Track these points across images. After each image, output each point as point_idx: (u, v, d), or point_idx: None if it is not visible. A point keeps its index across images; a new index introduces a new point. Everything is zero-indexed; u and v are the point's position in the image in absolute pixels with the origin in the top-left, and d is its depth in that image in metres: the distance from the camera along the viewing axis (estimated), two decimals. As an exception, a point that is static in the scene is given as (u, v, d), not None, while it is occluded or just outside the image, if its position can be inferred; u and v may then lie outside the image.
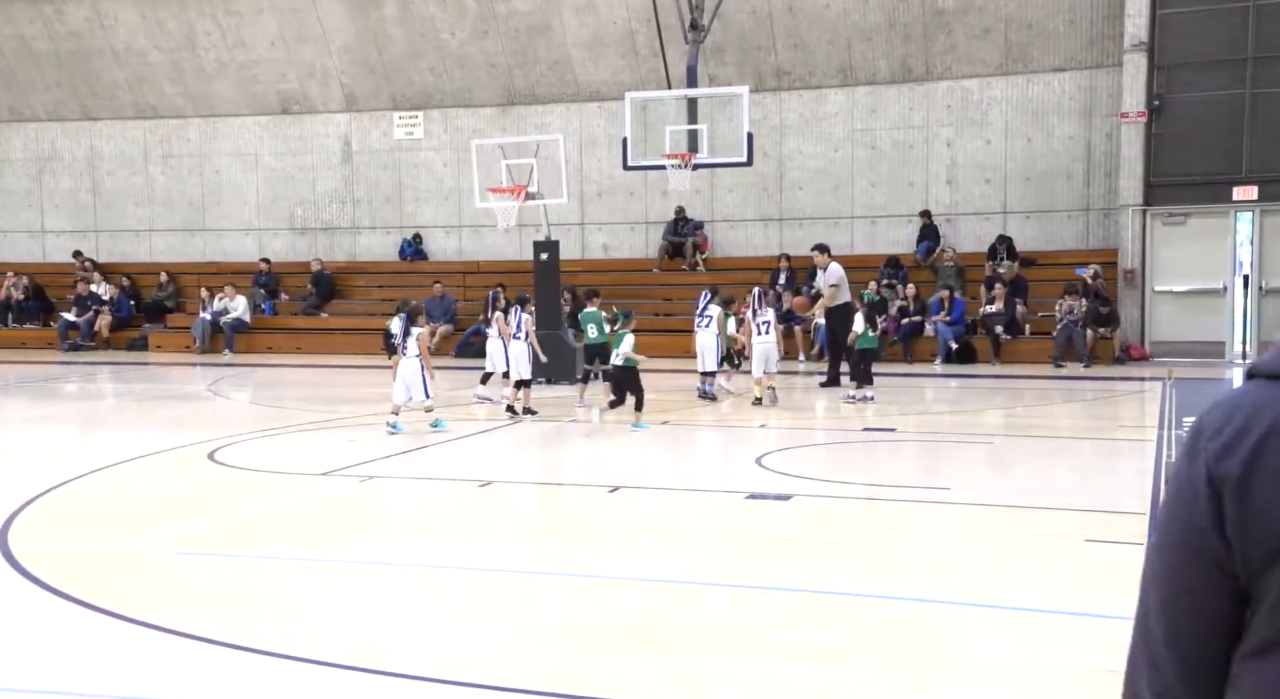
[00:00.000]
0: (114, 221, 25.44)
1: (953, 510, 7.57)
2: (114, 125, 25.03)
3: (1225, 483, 1.30)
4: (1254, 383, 1.35)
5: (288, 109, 24.03)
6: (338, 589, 5.79)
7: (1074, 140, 19.89)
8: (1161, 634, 1.40)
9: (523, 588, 5.76)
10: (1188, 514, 1.35)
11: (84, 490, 8.47)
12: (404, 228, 23.68)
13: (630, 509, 7.88)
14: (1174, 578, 1.38)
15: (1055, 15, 19.47)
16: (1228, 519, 1.30)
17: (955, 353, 18.10)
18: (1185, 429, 10.32)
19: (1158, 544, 1.41)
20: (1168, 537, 1.39)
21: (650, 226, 22.33)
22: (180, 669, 4.61)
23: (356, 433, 11.49)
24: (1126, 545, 6.31)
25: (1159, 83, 18.27)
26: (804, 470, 9.26)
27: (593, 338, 13.29)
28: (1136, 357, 18.21)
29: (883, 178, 20.97)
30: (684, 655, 4.67)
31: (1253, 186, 17.85)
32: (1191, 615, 1.37)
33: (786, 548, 6.54)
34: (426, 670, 4.49)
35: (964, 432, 11.47)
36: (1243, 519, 1.28)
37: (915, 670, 4.48)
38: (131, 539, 6.79)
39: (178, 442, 10.70)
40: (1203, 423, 1.37)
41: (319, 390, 16.35)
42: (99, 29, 23.80)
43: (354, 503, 8.03)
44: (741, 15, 20.30)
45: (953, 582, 5.72)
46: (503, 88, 22.58)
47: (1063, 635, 4.92)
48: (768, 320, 13.22)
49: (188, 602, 5.46)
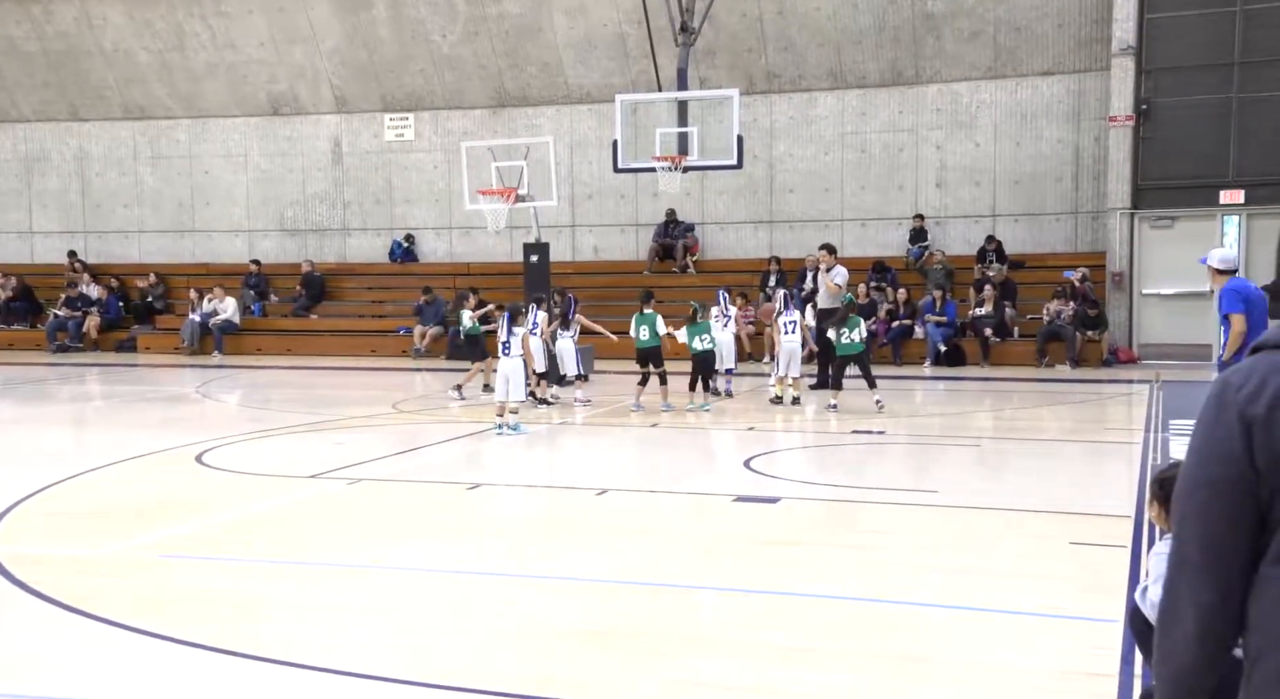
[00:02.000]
0: (103, 222, 25.38)
1: (940, 513, 7.60)
2: (103, 126, 24.97)
3: (1255, 422, 1.69)
4: (1262, 354, 1.75)
5: (278, 110, 23.99)
6: (327, 592, 5.79)
7: (1062, 144, 19.97)
8: (1199, 552, 1.73)
9: (510, 590, 5.76)
10: (1224, 449, 1.71)
11: (70, 493, 8.45)
12: (394, 229, 23.67)
13: (618, 511, 7.89)
14: (1211, 503, 1.72)
15: (1043, 19, 19.56)
16: (1256, 449, 1.68)
17: (944, 355, 18.15)
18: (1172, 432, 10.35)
19: (1197, 478, 1.75)
20: (1206, 471, 1.74)
21: (641, 229, 22.35)
22: (168, 674, 4.60)
23: (345, 435, 11.48)
24: (1111, 548, 6.34)
25: (1147, 87, 18.35)
26: (792, 473, 9.28)
27: (644, 341, 13.20)
28: (1125, 359, 18.28)
29: (872, 181, 21.04)
30: (670, 658, 4.69)
31: (1239, 190, 17.95)
32: (1227, 531, 1.71)
33: (774, 550, 6.55)
34: (415, 674, 4.50)
35: (952, 434, 11.51)
36: (1268, 448, 1.67)
37: (900, 672, 4.50)
38: (119, 542, 6.78)
39: (166, 444, 10.68)
40: (1229, 379, 1.75)
41: (308, 392, 16.33)
42: (87, 30, 23.74)
43: (343, 505, 8.02)
44: (732, 18, 20.34)
45: (938, 584, 5.74)
46: (493, 89, 22.58)
47: (1046, 638, 4.94)
48: (794, 320, 13.42)
49: (175, 605, 5.46)
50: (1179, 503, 1.79)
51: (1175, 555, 1.78)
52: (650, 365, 13.14)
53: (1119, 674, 4.37)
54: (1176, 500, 1.80)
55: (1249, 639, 1.71)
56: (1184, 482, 1.78)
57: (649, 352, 13.15)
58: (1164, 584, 1.81)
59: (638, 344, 13.26)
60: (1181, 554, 1.77)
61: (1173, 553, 1.79)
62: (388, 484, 8.80)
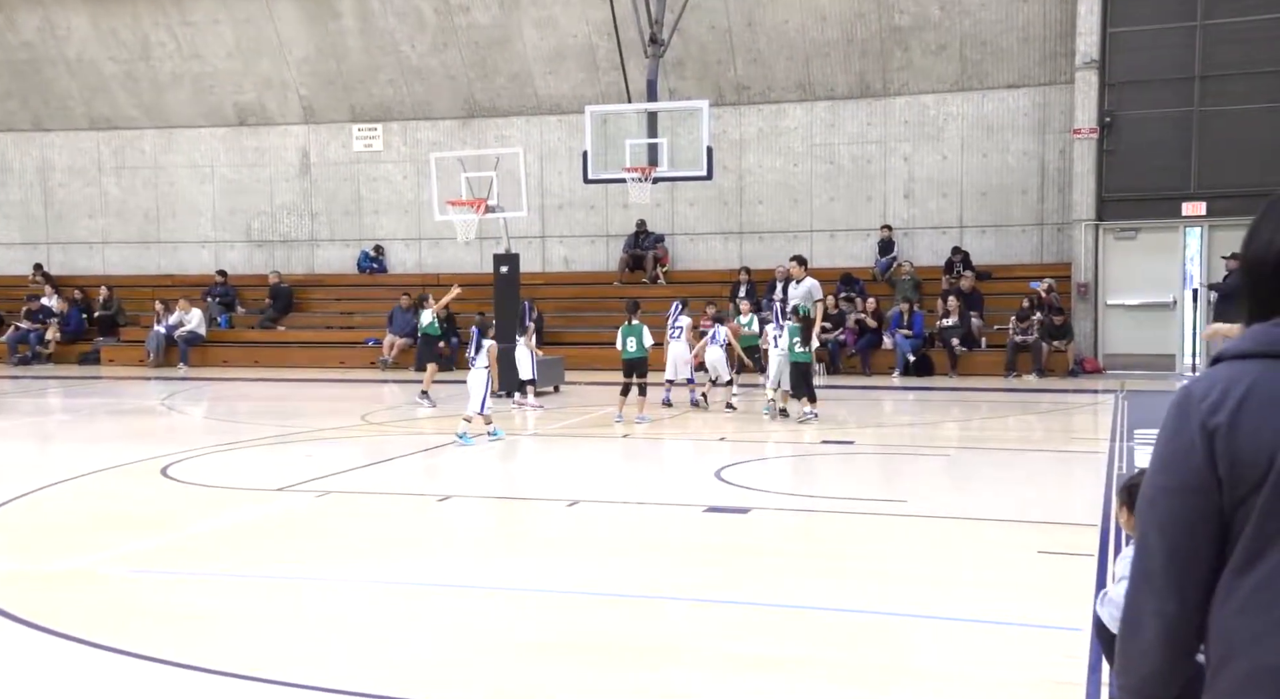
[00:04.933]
0: (66, 234, 25.08)
1: (909, 523, 7.63)
2: (66, 136, 24.70)
3: (1217, 431, 1.69)
4: (1223, 364, 1.74)
5: (245, 121, 23.83)
6: (294, 607, 5.73)
7: (1028, 156, 20.19)
8: (1162, 562, 1.74)
9: (480, 602, 5.73)
10: (1186, 459, 1.72)
11: (32, 507, 8.32)
12: (363, 240, 23.55)
13: (589, 523, 7.87)
14: (1175, 512, 1.73)
15: (1009, 33, 19.78)
16: (1219, 460, 1.68)
17: (913, 365, 18.26)
18: (1137, 441, 10.44)
19: (1160, 486, 1.76)
20: (1169, 480, 1.74)
21: (611, 239, 22.36)
22: (133, 690, 4.54)
23: (313, 447, 11.38)
24: (1078, 557, 6.39)
25: (1110, 100, 18.60)
26: (763, 483, 9.30)
27: (631, 352, 13.11)
28: (1090, 369, 18.47)
29: (841, 192, 21.16)
30: (641, 669, 4.67)
31: (1201, 202, 18.21)
32: (1190, 540, 1.72)
33: (744, 561, 6.56)
34: (383, 687, 4.46)
35: (921, 444, 11.57)
36: (1230, 459, 1.67)
37: (869, 681, 4.51)
38: (82, 557, 6.68)
39: (129, 457, 10.54)
40: (1191, 390, 1.75)
41: (275, 404, 16.19)
42: (51, 39, 23.50)
43: (310, 519, 7.95)
44: (701, 30, 20.43)
45: (907, 593, 5.77)
46: (463, 100, 22.54)
47: (1014, 647, 4.97)
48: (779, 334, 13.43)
49: (140, 621, 5.38)
50: (1142, 512, 1.79)
51: (1138, 564, 1.79)
52: (634, 376, 13.08)
53: (1086, 683, 4.40)
54: (1139, 510, 1.80)
55: (1211, 646, 1.72)
56: (1147, 491, 1.79)
57: (636, 363, 13.09)
58: (1126, 593, 1.81)
59: (624, 355, 13.18)
60: (1144, 563, 1.77)
61: (1135, 562, 1.80)
62: (356, 496, 8.73)
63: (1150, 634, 1.75)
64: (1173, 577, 1.73)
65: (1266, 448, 1.65)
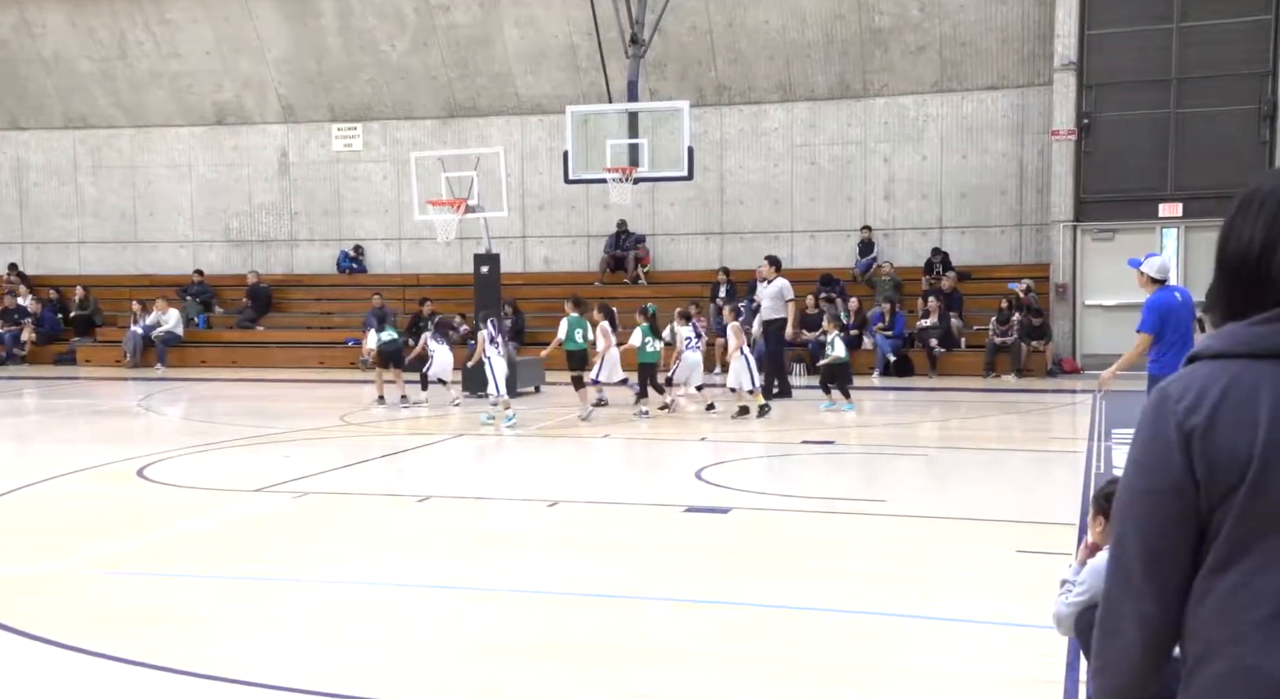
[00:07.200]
0: (41, 233, 24.87)
1: (888, 522, 7.66)
2: (42, 135, 24.49)
3: (1194, 433, 1.67)
4: (1198, 364, 1.73)
5: (223, 120, 23.69)
6: (271, 609, 5.69)
7: (1007, 157, 20.30)
8: (1140, 564, 1.73)
9: (461, 604, 5.71)
10: (1163, 461, 1.70)
11: (8, 509, 8.24)
12: (343, 240, 23.45)
13: (569, 523, 7.86)
14: (1153, 514, 1.72)
15: (988, 34, 19.88)
16: (1195, 461, 1.67)
17: (893, 366, 18.33)
18: (1114, 440, 10.51)
19: (1137, 489, 1.75)
20: (1146, 481, 1.73)
21: (592, 240, 22.35)
22: (112, 694, 4.50)
23: (292, 448, 11.32)
24: (1056, 556, 6.42)
25: (1088, 101, 18.72)
26: (743, 483, 9.31)
27: (577, 344, 13.34)
28: (1069, 369, 18.58)
29: (822, 193, 21.22)
30: (623, 670, 4.67)
31: (1177, 204, 18.35)
32: (1167, 542, 1.71)
33: (725, 561, 6.56)
34: (364, 689, 4.43)
35: (901, 444, 11.61)
36: (1207, 461, 1.66)
37: (849, 681, 4.52)
38: (57, 559, 6.62)
39: (106, 458, 10.46)
40: (1168, 391, 1.73)
41: (254, 405, 16.09)
42: (27, 37, 23.29)
43: (288, 520, 7.91)
44: (682, 30, 20.44)
45: (887, 593, 5.78)
46: (443, 100, 22.48)
47: (993, 645, 4.99)
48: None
49: (116, 624, 5.34)
50: (1119, 514, 1.78)
51: (1115, 566, 1.78)
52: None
53: (1064, 681, 4.42)
54: (1115, 513, 1.79)
55: (1188, 646, 1.72)
56: (1124, 493, 1.77)
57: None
58: (1103, 594, 1.80)
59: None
60: (1121, 565, 1.76)
61: (1111, 564, 1.78)
62: (336, 497, 8.69)
63: (1129, 636, 1.74)
64: (1151, 578, 1.72)
65: (1244, 448, 1.64)
